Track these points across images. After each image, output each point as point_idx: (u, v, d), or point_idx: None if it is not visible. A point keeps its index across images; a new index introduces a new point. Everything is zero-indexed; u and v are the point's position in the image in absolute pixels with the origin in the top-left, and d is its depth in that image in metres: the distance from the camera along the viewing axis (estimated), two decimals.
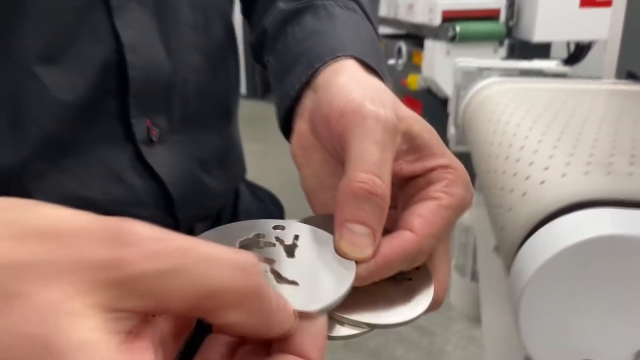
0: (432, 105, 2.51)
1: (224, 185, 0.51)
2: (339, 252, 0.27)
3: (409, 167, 0.30)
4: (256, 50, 0.45)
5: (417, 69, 2.51)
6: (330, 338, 0.25)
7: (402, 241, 0.27)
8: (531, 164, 0.46)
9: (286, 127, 0.37)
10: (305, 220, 0.30)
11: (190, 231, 0.48)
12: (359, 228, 0.26)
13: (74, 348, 0.17)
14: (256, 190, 0.61)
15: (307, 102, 0.34)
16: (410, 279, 0.28)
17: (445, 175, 0.29)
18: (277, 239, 0.28)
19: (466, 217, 1.02)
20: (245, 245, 0.27)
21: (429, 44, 2.36)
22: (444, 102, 2.32)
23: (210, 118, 0.48)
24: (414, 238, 0.27)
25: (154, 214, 0.43)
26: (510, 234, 0.42)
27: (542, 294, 0.36)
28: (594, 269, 0.36)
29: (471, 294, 1.03)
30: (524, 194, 0.43)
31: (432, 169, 0.29)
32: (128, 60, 0.39)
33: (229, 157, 0.52)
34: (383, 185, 0.27)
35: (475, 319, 1.08)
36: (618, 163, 0.44)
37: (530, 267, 0.36)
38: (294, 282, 0.25)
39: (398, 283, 0.28)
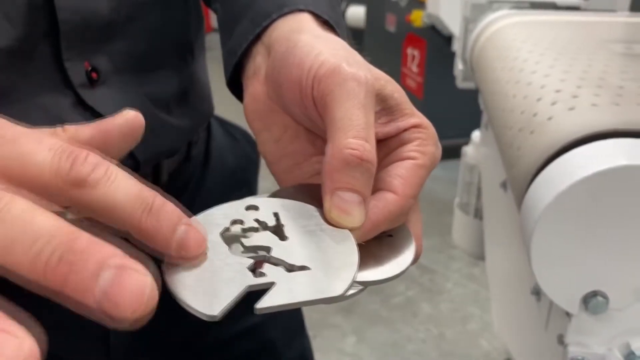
0: (437, 43, 2.45)
1: (188, 122, 0.49)
2: (330, 221, 0.27)
3: (383, 129, 0.30)
4: None
5: (421, 4, 2.44)
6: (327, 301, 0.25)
7: (386, 204, 0.28)
8: (539, 100, 0.45)
9: (235, 83, 0.36)
10: (274, 195, 0.30)
11: (157, 168, 0.47)
12: (351, 195, 0.26)
13: None
14: (229, 128, 0.60)
15: (260, 60, 0.33)
16: (390, 236, 0.29)
17: (417, 135, 0.29)
18: (258, 222, 0.27)
19: (471, 156, 1.01)
20: (229, 238, 0.26)
21: None
22: (448, 39, 2.26)
23: (165, 56, 0.46)
24: (397, 200, 0.28)
25: None
26: (521, 169, 0.41)
27: (555, 226, 0.36)
28: (607, 200, 0.35)
29: (474, 232, 1.04)
30: (531, 132, 0.42)
31: (405, 130, 0.30)
32: (55, 2, 0.37)
33: (192, 95, 0.50)
34: (372, 150, 0.27)
35: (478, 256, 1.09)
36: (627, 94, 0.42)
37: (543, 199, 0.36)
38: (305, 267, 0.25)
39: (380, 240, 0.29)
